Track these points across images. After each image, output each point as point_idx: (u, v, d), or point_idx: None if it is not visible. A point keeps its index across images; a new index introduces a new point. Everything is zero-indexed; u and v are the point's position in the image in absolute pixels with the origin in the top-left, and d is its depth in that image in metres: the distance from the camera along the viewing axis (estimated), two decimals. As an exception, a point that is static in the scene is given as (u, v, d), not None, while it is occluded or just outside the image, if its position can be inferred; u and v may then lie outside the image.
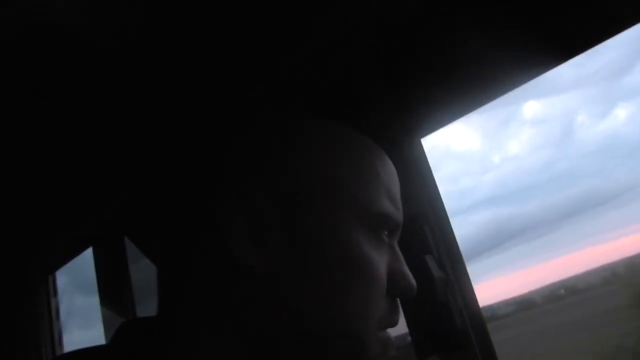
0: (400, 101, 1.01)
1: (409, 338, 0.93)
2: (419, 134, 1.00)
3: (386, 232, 0.54)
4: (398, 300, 0.54)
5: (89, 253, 1.76)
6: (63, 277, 1.97)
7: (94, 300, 1.67)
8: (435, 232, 0.91)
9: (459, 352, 0.86)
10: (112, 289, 1.60)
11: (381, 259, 0.52)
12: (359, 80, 1.07)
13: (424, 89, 1.00)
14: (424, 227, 0.90)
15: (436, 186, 0.96)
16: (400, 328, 0.96)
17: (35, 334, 1.83)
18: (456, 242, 0.93)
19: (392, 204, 0.55)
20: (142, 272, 1.59)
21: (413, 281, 0.54)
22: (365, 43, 1.05)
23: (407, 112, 1.00)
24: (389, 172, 0.58)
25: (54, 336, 1.84)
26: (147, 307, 1.54)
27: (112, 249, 1.64)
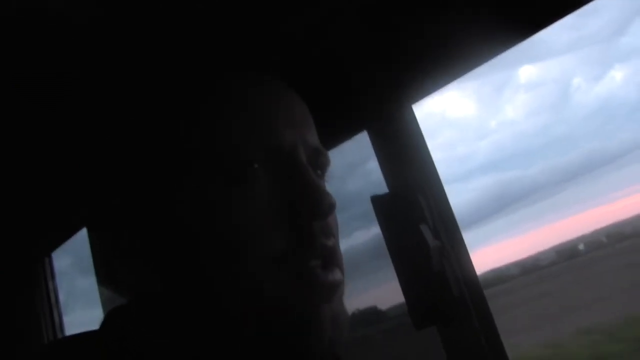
0: (389, 68, 0.99)
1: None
2: (410, 100, 0.98)
3: (254, 163, 0.49)
4: (316, 225, 0.49)
5: (83, 233, 1.75)
6: (63, 260, 1.98)
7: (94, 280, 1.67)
8: (430, 200, 0.90)
9: (457, 321, 0.86)
10: (110, 271, 1.60)
11: (245, 195, 0.48)
12: (347, 48, 1.04)
13: (413, 55, 0.98)
14: (417, 196, 0.89)
15: (429, 154, 0.95)
16: (398, 297, 0.96)
17: (35, 316, 1.84)
18: (451, 210, 0.92)
19: (243, 133, 0.50)
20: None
21: (315, 196, 0.49)
22: (352, 9, 1.03)
23: (397, 79, 0.98)
24: (238, 100, 0.53)
25: (54, 318, 1.85)
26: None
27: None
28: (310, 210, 0.48)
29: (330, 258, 0.49)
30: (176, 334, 0.49)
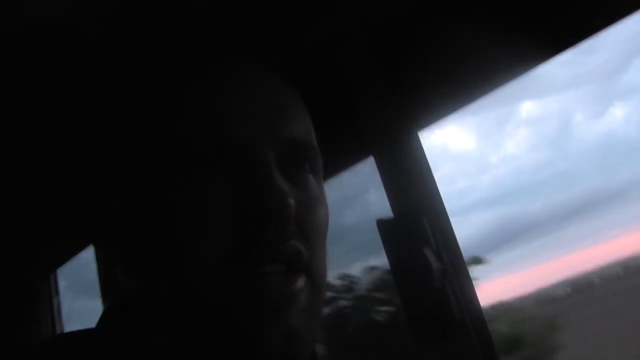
0: (397, 95, 1.03)
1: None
2: (417, 127, 1.02)
3: (205, 159, 0.45)
4: (271, 227, 0.44)
5: (90, 252, 1.76)
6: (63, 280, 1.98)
7: (95, 303, 1.68)
8: (433, 224, 0.93)
9: (457, 340, 0.87)
10: (114, 287, 1.61)
11: (193, 193, 0.45)
12: (356, 74, 1.08)
13: (420, 83, 1.02)
14: (422, 219, 0.92)
15: (433, 179, 0.98)
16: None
17: (37, 333, 1.84)
18: (454, 234, 0.95)
19: (191, 126, 0.46)
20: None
21: (267, 196, 0.43)
22: (362, 37, 1.06)
23: (405, 106, 1.02)
24: (196, 92, 0.48)
25: (56, 333, 1.85)
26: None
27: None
28: (260, 212, 0.43)
29: (295, 264, 0.44)
30: (162, 337, 0.47)
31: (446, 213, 0.96)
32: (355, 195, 1.34)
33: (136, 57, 1.02)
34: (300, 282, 0.44)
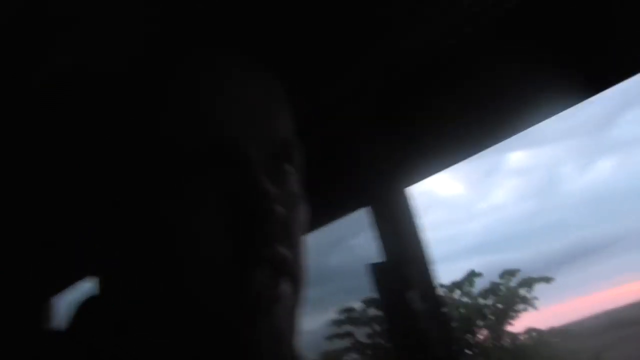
0: (386, 152, 1.13)
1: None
2: (406, 183, 1.13)
3: (191, 160, 0.45)
4: (261, 231, 0.44)
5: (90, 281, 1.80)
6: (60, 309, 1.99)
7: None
8: (419, 270, 1.04)
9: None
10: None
11: (180, 196, 0.44)
12: (345, 130, 1.15)
13: (410, 141, 1.10)
14: (409, 266, 1.03)
15: (418, 230, 1.10)
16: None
17: None
18: (435, 280, 1.07)
19: (176, 125, 0.45)
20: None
21: (257, 199, 0.44)
22: (352, 95, 1.10)
23: (393, 163, 1.12)
24: (184, 91, 0.47)
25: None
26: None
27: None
28: (251, 215, 0.44)
29: (280, 267, 0.45)
30: (153, 336, 0.47)
31: (429, 260, 1.08)
32: (344, 238, 1.41)
33: (117, 52, 0.99)
34: (285, 285, 0.46)
